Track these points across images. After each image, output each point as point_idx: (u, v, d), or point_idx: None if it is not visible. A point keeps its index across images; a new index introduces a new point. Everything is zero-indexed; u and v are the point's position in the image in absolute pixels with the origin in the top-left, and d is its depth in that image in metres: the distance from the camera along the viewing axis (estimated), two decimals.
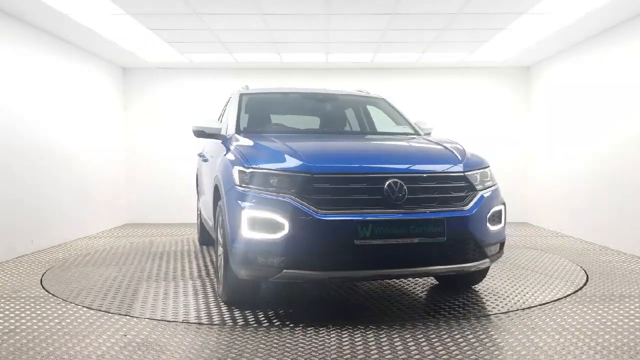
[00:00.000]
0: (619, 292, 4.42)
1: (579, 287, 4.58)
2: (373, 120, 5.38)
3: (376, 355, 2.98)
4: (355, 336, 3.31)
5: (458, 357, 2.96)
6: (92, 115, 8.16)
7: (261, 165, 3.58)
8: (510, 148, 9.50)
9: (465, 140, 9.22)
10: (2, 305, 4.05)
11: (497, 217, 3.82)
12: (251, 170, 3.58)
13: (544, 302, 4.10)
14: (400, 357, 2.96)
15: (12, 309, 3.93)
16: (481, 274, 4.35)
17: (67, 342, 3.21)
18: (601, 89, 6.96)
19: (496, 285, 4.63)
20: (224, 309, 3.92)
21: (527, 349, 3.08)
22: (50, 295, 4.36)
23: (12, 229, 6.04)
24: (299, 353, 3.02)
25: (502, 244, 3.93)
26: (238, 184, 3.60)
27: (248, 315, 3.74)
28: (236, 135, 4.37)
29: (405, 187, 3.48)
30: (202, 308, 3.96)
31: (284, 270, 3.37)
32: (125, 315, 3.78)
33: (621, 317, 3.70)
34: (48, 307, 4.00)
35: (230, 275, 3.73)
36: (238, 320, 3.63)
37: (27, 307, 4.00)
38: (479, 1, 5.68)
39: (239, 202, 3.51)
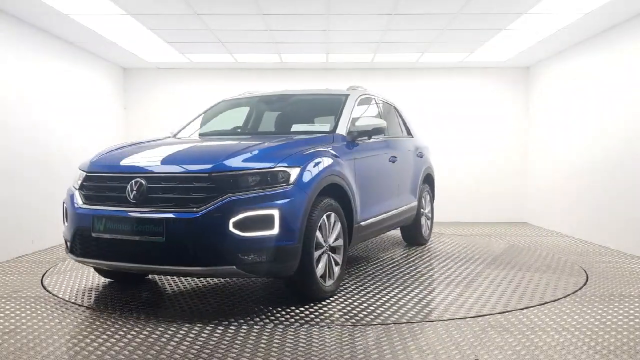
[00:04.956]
0: (618, 292, 4.43)
1: (578, 287, 4.58)
2: (327, 118, 5.09)
3: (375, 355, 2.98)
4: (356, 335, 3.32)
5: (457, 356, 2.96)
6: (93, 115, 8.16)
7: (82, 165, 4.23)
8: (510, 148, 9.50)
9: (465, 140, 9.40)
10: (2, 305, 4.06)
11: (257, 223, 3.53)
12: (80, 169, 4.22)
13: (543, 301, 4.10)
14: (400, 356, 2.97)
15: (12, 309, 3.94)
16: (305, 287, 3.95)
17: (67, 342, 3.21)
18: (601, 89, 6.96)
19: (495, 285, 4.64)
20: (222, 308, 3.92)
21: (527, 348, 3.09)
22: (50, 295, 4.37)
23: (12, 229, 6.04)
24: (299, 353, 3.02)
25: (278, 252, 3.58)
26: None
27: (245, 315, 3.75)
28: (158, 139, 4.79)
29: (145, 186, 3.68)
30: (202, 309, 3.96)
31: (68, 253, 4.06)
32: (126, 315, 3.78)
33: (621, 317, 3.70)
34: (48, 307, 4.01)
35: None
36: (238, 320, 3.64)
37: (27, 307, 4.00)
38: (479, 1, 5.68)
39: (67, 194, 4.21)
